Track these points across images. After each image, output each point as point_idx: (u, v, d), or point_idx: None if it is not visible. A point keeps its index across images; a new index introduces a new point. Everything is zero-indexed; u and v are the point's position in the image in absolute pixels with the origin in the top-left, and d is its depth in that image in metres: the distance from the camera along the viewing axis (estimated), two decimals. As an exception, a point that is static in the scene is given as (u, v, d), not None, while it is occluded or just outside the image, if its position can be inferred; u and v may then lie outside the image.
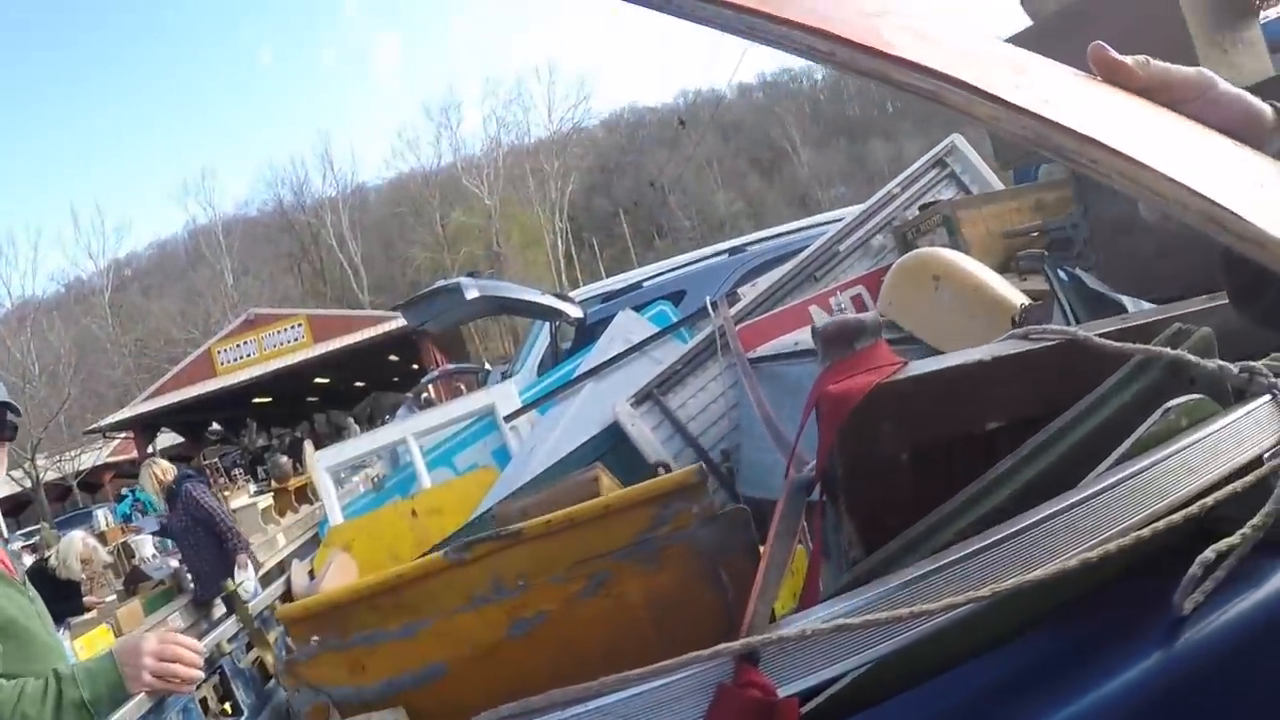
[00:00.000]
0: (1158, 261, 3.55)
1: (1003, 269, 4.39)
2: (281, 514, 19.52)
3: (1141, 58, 1.31)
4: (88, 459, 48.30)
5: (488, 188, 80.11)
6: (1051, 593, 1.19)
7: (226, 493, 22.42)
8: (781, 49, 1.12)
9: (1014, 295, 3.77)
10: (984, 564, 1.19)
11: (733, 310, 5.01)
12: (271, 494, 20.57)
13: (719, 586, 1.84)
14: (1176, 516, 1.20)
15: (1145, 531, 1.19)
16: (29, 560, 13.32)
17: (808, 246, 6.51)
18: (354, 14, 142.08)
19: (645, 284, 9.41)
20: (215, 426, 41.17)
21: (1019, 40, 4.01)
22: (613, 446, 4.75)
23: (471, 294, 7.61)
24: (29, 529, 35.40)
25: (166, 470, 10.42)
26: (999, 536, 1.21)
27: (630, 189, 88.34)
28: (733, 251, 9.75)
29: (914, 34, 1.14)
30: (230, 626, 3.35)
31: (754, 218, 73.70)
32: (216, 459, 34.60)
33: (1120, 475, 1.25)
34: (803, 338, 4.11)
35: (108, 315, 72.43)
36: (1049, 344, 1.72)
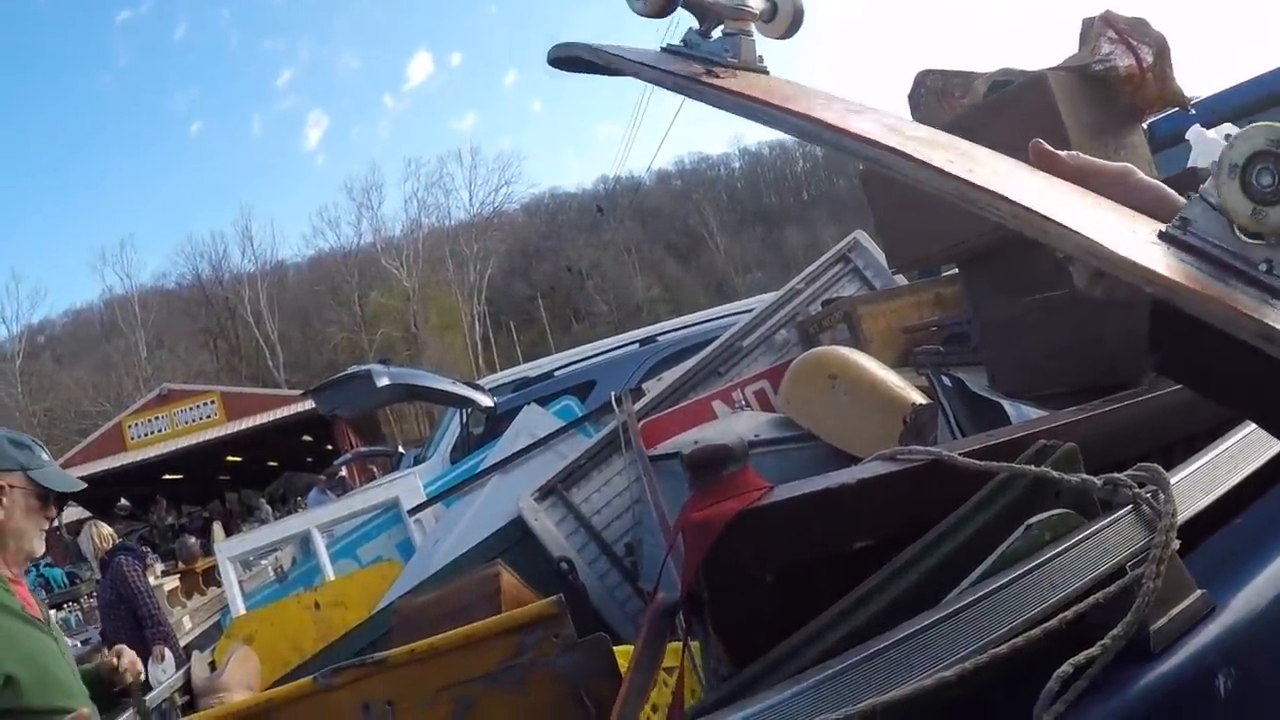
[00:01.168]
0: (1045, 361, 3.68)
1: (902, 363, 4.51)
2: (188, 596, 19.06)
3: (1072, 152, 1.47)
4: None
5: (407, 269, 79.80)
6: (921, 708, 1.20)
7: (132, 573, 21.92)
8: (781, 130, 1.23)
9: (909, 392, 3.86)
10: (853, 680, 1.21)
11: (637, 405, 5.07)
12: (178, 575, 20.08)
13: (583, 710, 1.89)
14: (1036, 631, 1.24)
15: (1004, 648, 1.22)
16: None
17: (717, 338, 6.65)
18: (285, 87, 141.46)
19: (556, 373, 9.47)
20: (123, 502, 40.29)
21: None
22: (517, 541, 4.76)
23: (382, 381, 7.61)
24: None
25: (105, 537, 10.10)
26: (869, 653, 1.23)
27: (549, 273, 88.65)
28: (643, 342, 9.84)
29: (879, 123, 1.25)
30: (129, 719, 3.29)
31: (671, 303, 74.22)
32: (126, 534, 33.80)
33: (983, 591, 1.29)
34: (703, 435, 4.17)
35: (18, 383, 70.56)
36: (914, 465, 1.79)
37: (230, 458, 43.51)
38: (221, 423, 40.61)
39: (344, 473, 25.26)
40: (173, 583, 19.17)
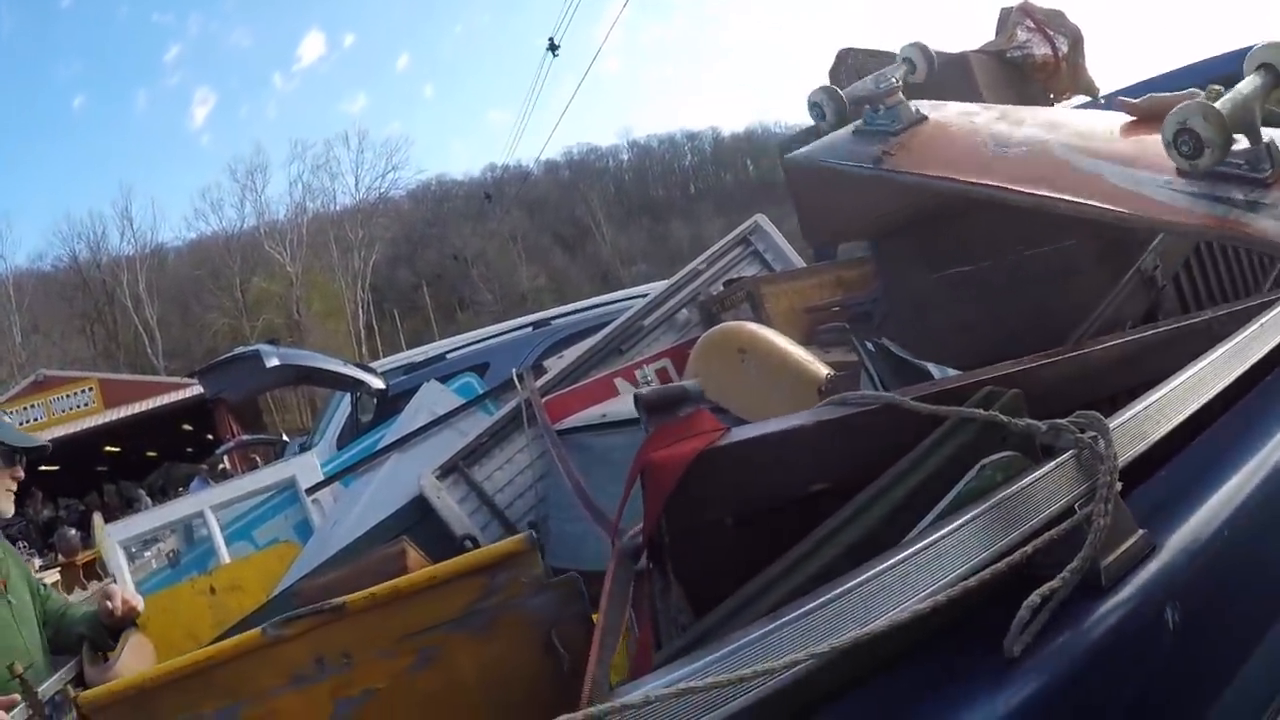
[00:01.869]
0: (954, 335, 3.74)
1: (805, 343, 4.53)
2: (69, 590, 18.46)
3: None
4: None
5: (290, 254, 78.22)
6: (885, 645, 1.23)
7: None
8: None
9: (818, 367, 3.90)
10: (821, 620, 1.22)
11: (539, 383, 5.04)
12: (58, 569, 19.47)
13: (554, 655, 1.81)
14: (1001, 565, 1.28)
15: (973, 581, 1.26)
16: None
17: (612, 321, 6.62)
18: (172, 63, 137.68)
19: (449, 355, 9.34)
20: (-3, 494, 39.10)
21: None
22: (419, 520, 4.71)
23: (272, 362, 7.44)
24: None
25: None
26: (836, 593, 1.24)
27: (434, 261, 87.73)
28: (537, 325, 9.77)
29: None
30: (19, 714, 3.14)
31: (556, 293, 73.87)
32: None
33: (948, 528, 1.32)
34: (610, 409, 4.16)
35: (-119, 363, 67.85)
36: (867, 408, 1.78)
37: (108, 448, 42.18)
38: (99, 411, 39.26)
39: (225, 463, 24.76)
40: (53, 576, 18.56)
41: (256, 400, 42.78)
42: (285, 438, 19.09)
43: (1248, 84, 2.38)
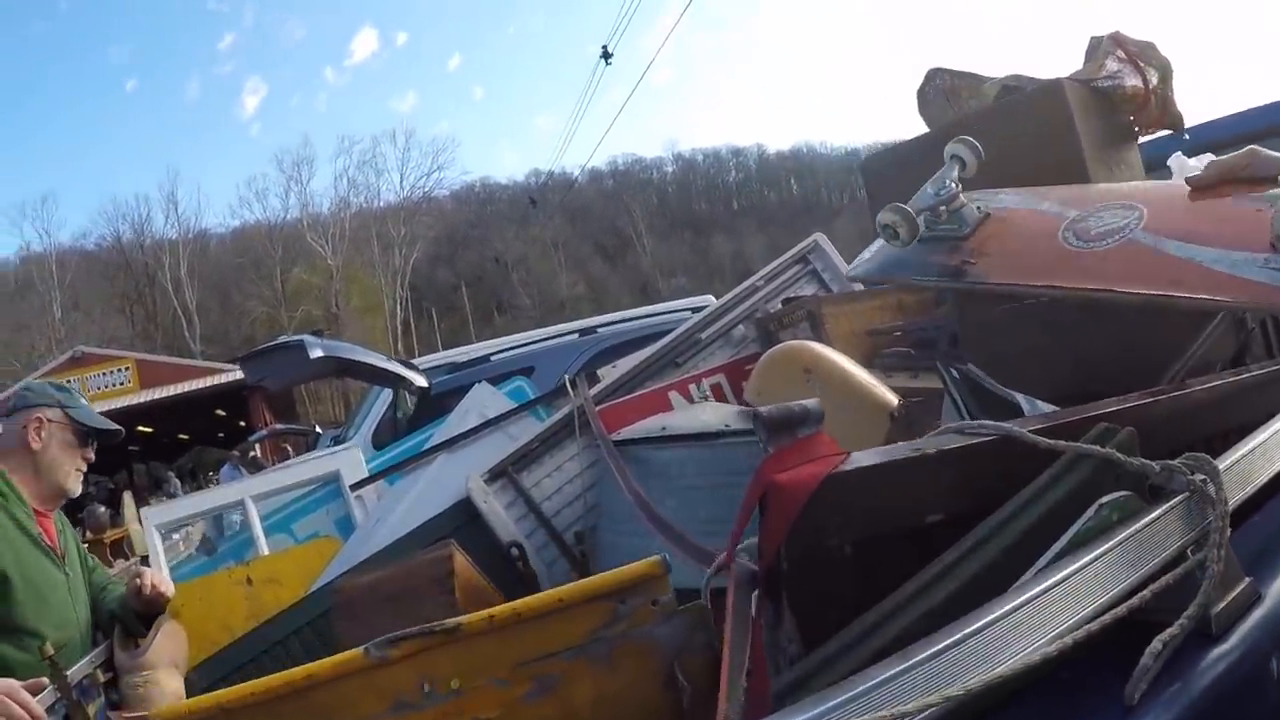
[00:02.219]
0: (1021, 364, 3.62)
1: (865, 366, 4.42)
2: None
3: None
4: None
5: (331, 247, 78.63)
6: (1007, 687, 1.20)
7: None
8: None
9: (885, 391, 3.82)
10: (951, 661, 1.19)
11: (592, 391, 4.93)
12: (85, 545, 19.47)
13: (674, 688, 1.69)
14: (1122, 608, 1.29)
15: (1096, 625, 1.26)
16: None
17: (660, 332, 6.50)
18: (226, 51, 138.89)
19: (494, 358, 9.26)
20: (28, 468, 39.21)
21: (915, 146, 4.10)
22: (464, 523, 4.58)
23: (315, 353, 7.36)
24: None
25: None
26: (966, 632, 1.21)
27: (474, 263, 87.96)
28: (583, 333, 9.68)
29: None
30: (46, 697, 3.05)
31: (595, 302, 74.01)
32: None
33: (1073, 569, 1.31)
34: (670, 422, 4.04)
35: (-78, 331, 68.57)
36: (986, 438, 1.70)
37: (141, 428, 42.35)
38: (134, 391, 39.43)
39: (256, 451, 24.76)
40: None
41: (291, 390, 42.90)
42: (318, 429, 19.06)
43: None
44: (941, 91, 4.38)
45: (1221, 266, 2.53)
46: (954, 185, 3.38)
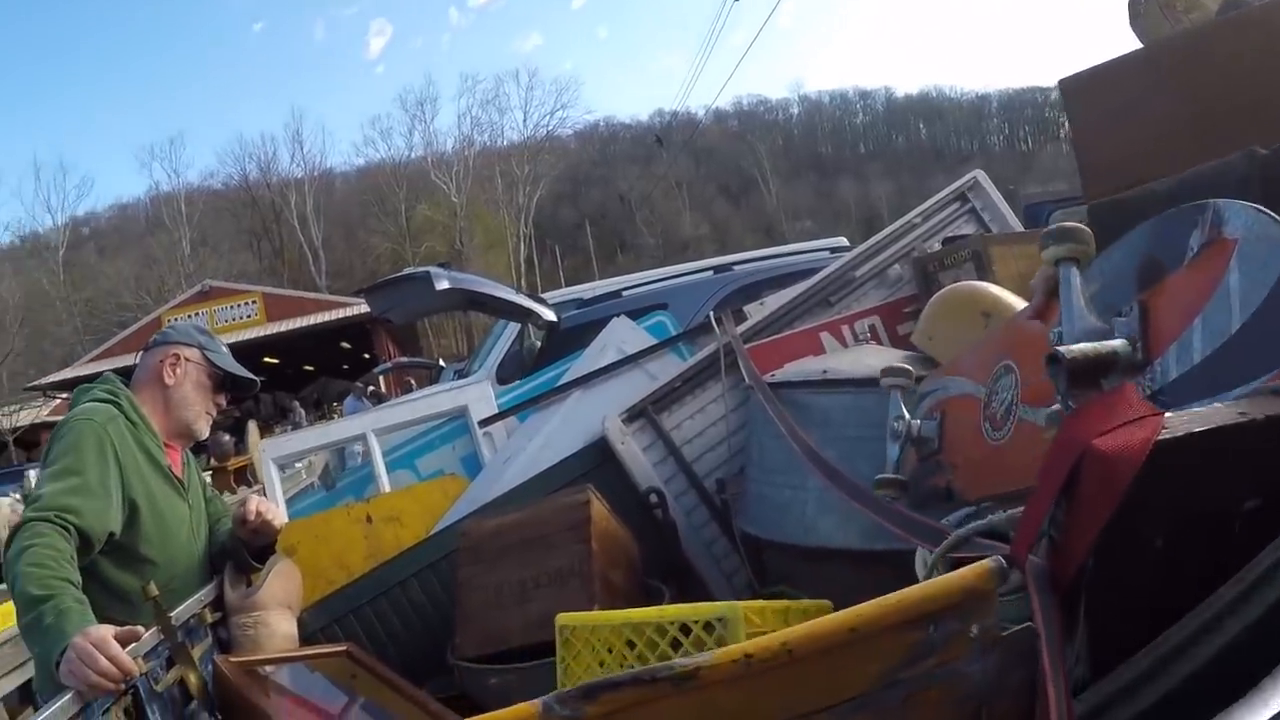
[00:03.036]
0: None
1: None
2: (220, 492, 18.71)
3: None
4: (26, 416, 46.77)
5: (455, 185, 78.74)
6: None
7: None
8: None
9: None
10: None
11: (739, 329, 4.59)
12: (210, 472, 19.79)
13: None
14: None
15: None
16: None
17: (798, 272, 6.11)
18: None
19: (625, 293, 8.91)
20: (160, 397, 40.22)
21: (1125, 65, 3.60)
22: (597, 464, 4.34)
23: (442, 285, 7.11)
24: (-38, 481, 34.39)
25: None
26: None
27: (597, 202, 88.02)
28: (718, 270, 9.27)
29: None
30: (149, 639, 2.82)
31: (719, 242, 73.37)
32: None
33: None
34: (832, 365, 3.66)
35: (60, 272, 70.54)
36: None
37: (267, 359, 43.18)
38: (261, 323, 40.25)
39: (380, 383, 24.94)
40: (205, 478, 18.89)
41: (415, 324, 43.30)
42: (441, 363, 19.02)
43: None
44: (1156, 4, 3.92)
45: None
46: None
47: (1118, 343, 1.29)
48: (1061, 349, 1.28)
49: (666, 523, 4.18)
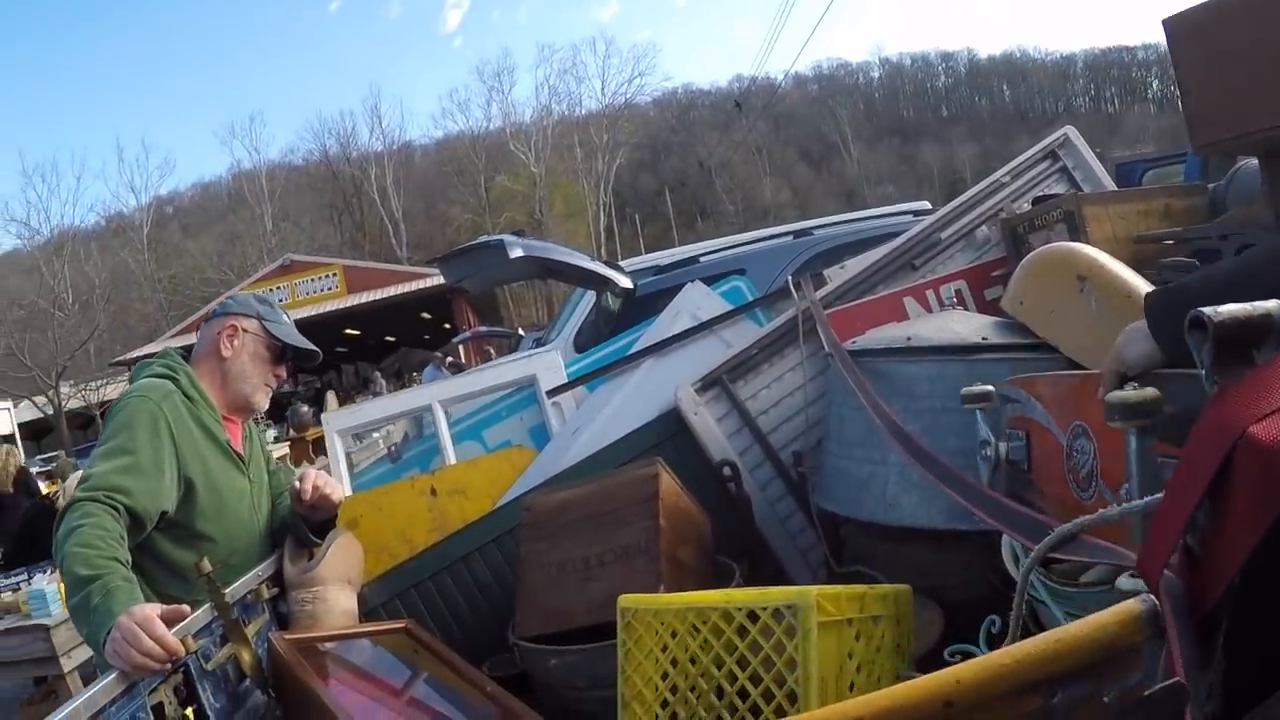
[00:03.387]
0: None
1: (1138, 278, 3.79)
2: (297, 463, 18.89)
3: None
4: (113, 390, 47.79)
5: (534, 155, 78.88)
6: None
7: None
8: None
9: None
10: None
11: (818, 294, 4.39)
12: (289, 443, 19.97)
13: None
14: None
15: None
16: (45, 488, 12.61)
17: (879, 236, 5.88)
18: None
19: (703, 259, 8.72)
20: (243, 370, 40.87)
21: (1190, 18, 3.32)
22: (669, 436, 4.18)
23: (515, 253, 6.96)
24: (49, 455, 35.20)
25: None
26: None
27: (676, 169, 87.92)
28: (797, 235, 9.04)
29: None
30: (202, 616, 2.73)
31: (800, 208, 73.05)
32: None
33: None
34: (917, 332, 3.45)
35: (145, 250, 71.80)
36: None
37: (349, 331, 43.62)
38: (342, 295, 40.59)
39: (460, 353, 25.00)
40: (282, 450, 19.04)
41: (495, 294, 43.42)
42: (521, 332, 18.99)
43: None
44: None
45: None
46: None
47: (1272, 304, 1.04)
48: (1208, 310, 1.04)
49: (740, 497, 4.01)
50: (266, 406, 3.51)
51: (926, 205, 10.57)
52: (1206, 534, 1.00)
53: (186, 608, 2.48)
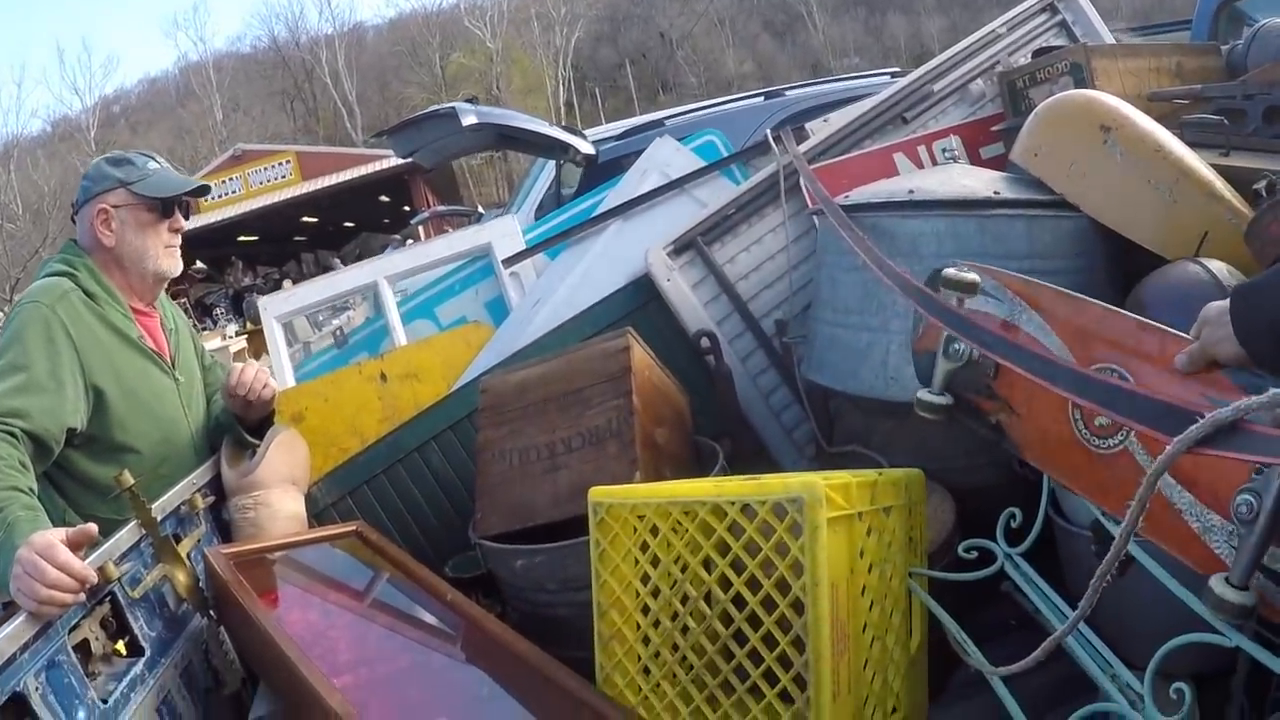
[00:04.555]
0: None
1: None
2: (256, 356, 18.60)
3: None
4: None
5: (490, 30, 78.06)
6: None
7: (206, 332, 21.44)
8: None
9: (1203, 167, 2.96)
10: None
11: (802, 148, 4.07)
12: (246, 336, 19.65)
13: None
14: None
15: None
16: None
17: (856, 96, 5.63)
18: None
19: (668, 122, 8.31)
20: (199, 265, 40.36)
21: None
22: (640, 305, 3.94)
23: (469, 120, 6.54)
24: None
25: None
26: None
27: (637, 41, 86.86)
28: (769, 95, 8.63)
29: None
30: (127, 536, 2.43)
31: (764, 80, 72.33)
32: (201, 296, 33.83)
33: None
34: (921, 184, 3.12)
35: (93, 152, 70.96)
36: None
37: (306, 218, 43.26)
38: (296, 183, 40.11)
39: (421, 233, 24.60)
40: (240, 344, 18.76)
41: (453, 173, 42.84)
42: (481, 210, 18.64)
43: None
44: None
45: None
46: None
47: None
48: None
49: (720, 371, 3.74)
50: (179, 268, 3.18)
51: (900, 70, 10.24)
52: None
53: (93, 526, 2.17)
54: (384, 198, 42.91)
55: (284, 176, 40.54)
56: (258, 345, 18.76)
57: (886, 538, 2.15)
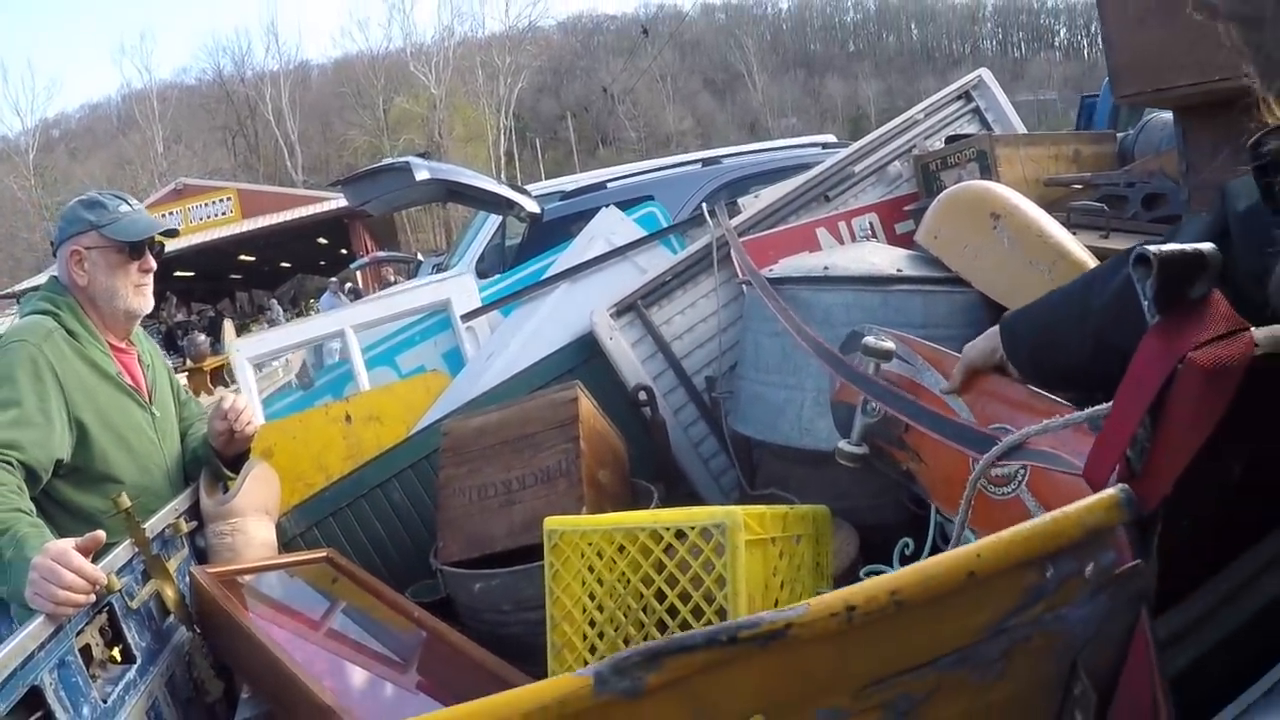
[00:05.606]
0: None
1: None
2: (196, 394, 18.54)
3: None
4: (0, 323, 46.54)
5: (435, 76, 77.92)
6: None
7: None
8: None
9: (1081, 250, 3.32)
10: None
11: (733, 222, 4.44)
12: (186, 374, 19.56)
13: (1063, 694, 1.02)
14: None
15: None
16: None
17: (789, 167, 6.22)
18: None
19: (610, 184, 8.69)
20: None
21: None
22: (584, 360, 4.21)
23: (421, 175, 6.86)
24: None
25: None
26: None
27: (580, 94, 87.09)
28: (706, 162, 9.04)
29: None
30: (122, 553, 2.70)
31: (703, 137, 73.19)
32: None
33: None
34: (834, 261, 3.51)
35: (31, 176, 69.87)
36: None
37: (244, 257, 42.83)
38: (236, 220, 39.65)
39: (357, 278, 24.70)
40: (180, 380, 18.71)
41: (392, 218, 42.83)
42: (420, 257, 18.83)
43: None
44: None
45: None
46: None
47: (1206, 245, 1.10)
48: (1152, 248, 1.09)
49: (655, 421, 4.05)
50: (150, 305, 3.35)
51: (833, 139, 10.65)
52: (1148, 450, 1.08)
53: (101, 533, 2.42)
54: (322, 240, 42.59)
55: (225, 213, 40.02)
56: (196, 383, 18.75)
57: (797, 561, 2.52)
